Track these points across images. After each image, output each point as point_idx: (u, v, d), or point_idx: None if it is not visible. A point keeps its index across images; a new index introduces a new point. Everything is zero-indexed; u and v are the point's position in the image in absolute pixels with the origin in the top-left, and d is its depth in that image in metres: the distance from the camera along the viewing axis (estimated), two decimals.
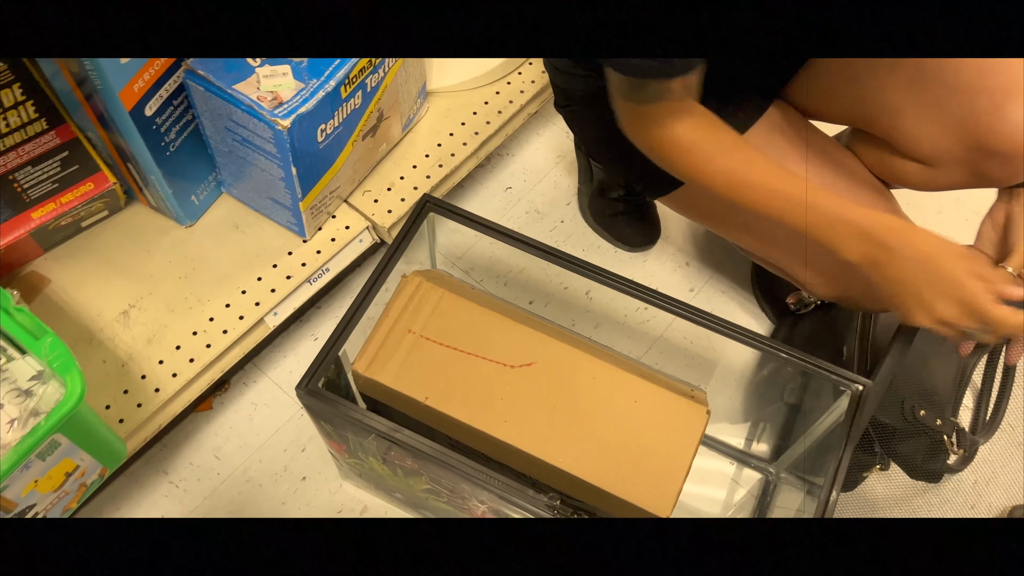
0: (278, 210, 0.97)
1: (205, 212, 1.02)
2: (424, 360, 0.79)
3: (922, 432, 0.96)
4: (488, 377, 0.77)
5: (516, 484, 0.71)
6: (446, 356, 0.79)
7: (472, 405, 0.77)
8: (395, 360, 0.78)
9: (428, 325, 0.80)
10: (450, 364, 0.79)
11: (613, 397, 0.78)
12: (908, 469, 0.98)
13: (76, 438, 0.76)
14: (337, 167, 0.95)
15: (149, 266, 0.98)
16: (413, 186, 1.06)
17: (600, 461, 0.75)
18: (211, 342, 0.93)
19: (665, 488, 0.75)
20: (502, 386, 0.78)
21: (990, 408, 1.01)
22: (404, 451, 0.74)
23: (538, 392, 0.77)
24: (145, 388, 0.90)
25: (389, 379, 0.78)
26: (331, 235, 1.01)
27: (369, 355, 0.79)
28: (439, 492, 0.83)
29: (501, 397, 0.77)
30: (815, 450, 0.90)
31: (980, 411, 1.06)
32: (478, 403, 0.77)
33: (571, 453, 0.75)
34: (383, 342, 0.79)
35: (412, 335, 0.80)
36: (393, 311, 0.81)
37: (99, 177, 0.93)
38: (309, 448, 1.03)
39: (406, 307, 0.81)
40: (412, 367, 0.78)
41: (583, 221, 1.23)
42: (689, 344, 1.13)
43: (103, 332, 0.93)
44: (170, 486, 1.01)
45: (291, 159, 0.86)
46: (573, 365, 0.79)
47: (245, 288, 0.97)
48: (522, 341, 0.80)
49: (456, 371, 0.78)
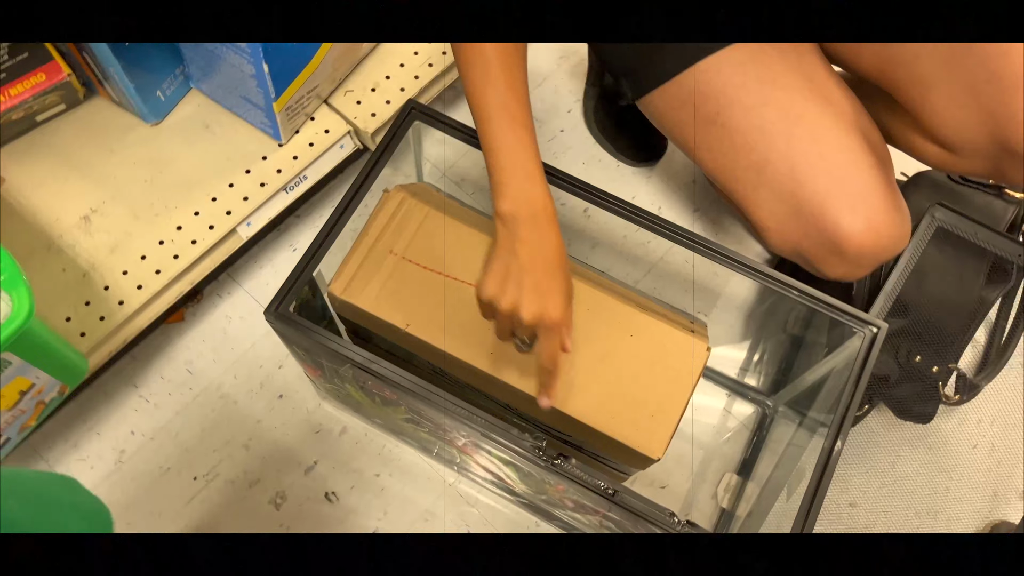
0: (251, 110, 0.89)
1: (172, 109, 0.93)
2: (406, 284, 0.73)
3: (916, 378, 0.92)
4: (474, 304, 0.71)
5: (499, 423, 0.67)
6: (430, 280, 0.74)
7: (456, 334, 0.72)
8: (374, 283, 0.73)
9: (411, 246, 0.74)
10: (434, 289, 0.73)
11: (608, 330, 0.73)
12: (898, 411, 0.95)
13: (28, 356, 0.71)
14: (314, 64, 0.86)
15: (111, 167, 0.90)
16: (400, 87, 0.97)
17: (591, 398, 0.71)
18: (179, 252, 0.87)
19: (658, 429, 0.71)
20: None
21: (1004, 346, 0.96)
22: (381, 383, 0.69)
23: None
24: (108, 300, 0.84)
25: (368, 303, 0.73)
26: (309, 139, 0.93)
27: (347, 276, 0.73)
28: (419, 422, 0.79)
29: (488, 326, 0.71)
30: (816, 385, 0.86)
31: (989, 349, 1.01)
32: (463, 332, 0.72)
33: (561, 388, 0.70)
34: (361, 263, 0.74)
35: (393, 256, 0.74)
36: (373, 229, 0.75)
37: (52, 67, 0.84)
38: (287, 365, 0.99)
39: (387, 225, 0.75)
40: (393, 291, 0.73)
41: (584, 131, 1.15)
42: (690, 269, 1.07)
43: (62, 239, 0.87)
44: (140, 400, 0.96)
45: (262, 54, 0.78)
46: None
47: (215, 195, 0.90)
48: None
49: (440, 297, 0.73)
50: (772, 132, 0.76)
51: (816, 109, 0.76)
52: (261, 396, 0.97)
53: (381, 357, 0.68)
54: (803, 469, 0.77)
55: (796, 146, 0.75)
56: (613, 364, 0.72)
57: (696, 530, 0.67)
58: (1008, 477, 0.98)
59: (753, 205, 0.79)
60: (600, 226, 1.08)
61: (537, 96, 1.17)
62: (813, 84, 0.77)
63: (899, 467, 0.98)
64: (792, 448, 0.88)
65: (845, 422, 0.70)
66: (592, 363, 0.72)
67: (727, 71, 0.78)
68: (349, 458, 0.95)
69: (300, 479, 0.94)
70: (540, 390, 0.68)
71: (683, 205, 1.12)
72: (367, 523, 0.93)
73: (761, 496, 0.88)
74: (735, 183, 0.80)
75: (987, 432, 1.00)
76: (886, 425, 0.99)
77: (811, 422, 0.85)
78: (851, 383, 0.71)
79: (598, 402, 0.71)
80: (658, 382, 0.72)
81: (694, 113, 0.81)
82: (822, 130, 0.75)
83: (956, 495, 0.97)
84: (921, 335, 0.92)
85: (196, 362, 0.98)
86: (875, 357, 0.72)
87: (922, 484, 0.98)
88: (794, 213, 0.76)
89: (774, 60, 0.77)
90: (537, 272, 0.64)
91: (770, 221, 0.78)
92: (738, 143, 0.78)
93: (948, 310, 0.91)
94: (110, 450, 0.94)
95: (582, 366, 0.72)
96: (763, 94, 0.76)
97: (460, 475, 0.94)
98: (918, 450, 0.99)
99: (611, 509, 0.68)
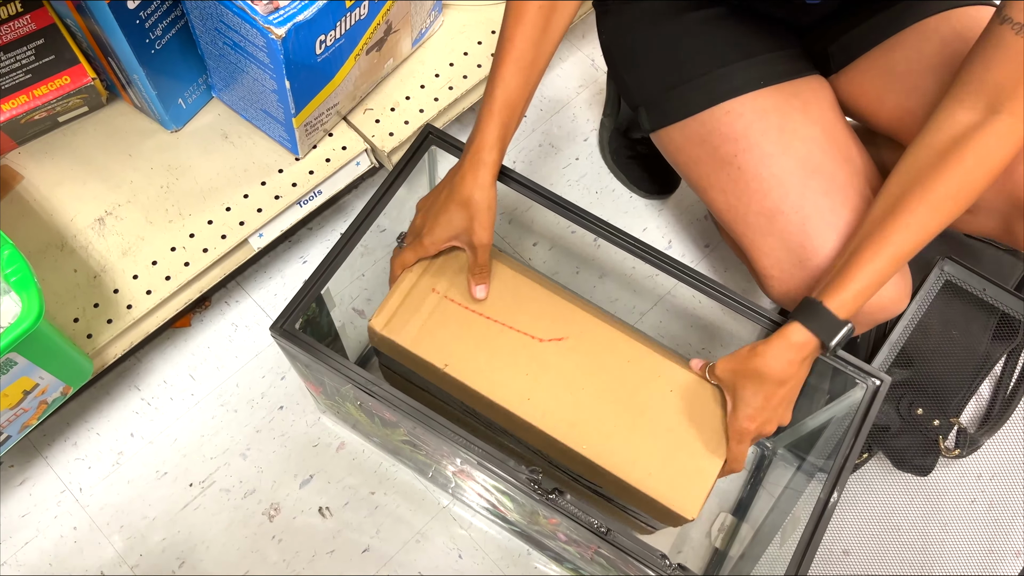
0: (270, 123, 0.90)
1: (193, 117, 0.94)
2: (447, 323, 0.73)
3: (917, 430, 0.92)
4: (514, 349, 0.72)
5: (496, 452, 0.67)
6: (471, 321, 0.73)
7: (495, 378, 0.71)
8: (415, 320, 0.73)
9: (453, 285, 0.74)
10: (474, 330, 0.73)
11: (648, 383, 0.73)
12: (897, 462, 0.95)
13: (34, 357, 0.71)
14: (336, 83, 0.87)
15: (129, 171, 0.91)
16: (419, 108, 0.98)
17: (627, 452, 0.70)
18: (190, 260, 0.88)
19: (694, 488, 0.69)
20: (529, 360, 0.72)
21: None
22: (381, 405, 0.69)
23: (567, 370, 0.72)
24: (117, 304, 0.85)
25: (408, 340, 0.72)
26: (326, 155, 0.94)
27: (388, 312, 0.73)
28: (417, 445, 0.79)
29: (527, 372, 0.72)
30: (816, 431, 0.86)
31: (992, 405, 1.01)
32: (501, 376, 0.71)
33: (597, 440, 0.70)
34: (404, 300, 0.73)
35: (436, 295, 0.74)
36: (417, 266, 0.74)
37: (77, 71, 0.85)
38: (289, 376, 0.99)
39: (431, 263, 0.75)
40: (433, 329, 0.73)
41: (599, 160, 1.15)
42: (696, 304, 1.07)
43: (76, 239, 0.87)
44: (141, 403, 0.97)
45: (285, 72, 0.78)
46: (608, 344, 0.73)
47: (230, 204, 0.90)
48: (555, 313, 0.74)
49: (480, 339, 0.72)
50: (788, 182, 0.76)
51: (833, 165, 0.76)
52: (262, 406, 0.98)
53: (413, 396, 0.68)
54: (798, 516, 0.77)
55: (810, 198, 0.75)
56: (651, 418, 0.72)
57: (686, 574, 0.67)
58: (1005, 535, 0.98)
59: (759, 252, 0.79)
60: (609, 256, 1.08)
61: (554, 123, 1.17)
62: (832, 139, 0.78)
63: (895, 517, 0.98)
64: (789, 492, 0.88)
65: (843, 473, 0.70)
66: (631, 416, 0.71)
67: (750, 115, 0.78)
68: (345, 474, 0.95)
69: (295, 492, 0.94)
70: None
71: (694, 240, 1.12)
72: (360, 540, 0.93)
73: (755, 539, 0.88)
74: (744, 227, 0.80)
75: (986, 488, 1.00)
76: (884, 474, 0.99)
77: (809, 467, 0.85)
78: (851, 435, 0.71)
79: (634, 456, 0.70)
80: (695, 439, 0.71)
81: (712, 152, 0.81)
82: (836, 186, 0.75)
83: (951, 549, 0.97)
84: (924, 387, 0.91)
85: (199, 368, 0.99)
86: (876, 410, 0.72)
87: (917, 536, 0.97)
88: (799, 265, 0.76)
89: (796, 110, 0.78)
90: (439, 203, 0.71)
91: (775, 269, 0.78)
92: (752, 188, 0.78)
93: (952, 364, 0.90)
94: (109, 451, 0.94)
95: (620, 418, 0.71)
96: (783, 143, 0.77)
97: (454, 498, 0.94)
98: (915, 501, 0.98)
99: (602, 546, 0.68)
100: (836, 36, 0.83)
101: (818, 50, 0.85)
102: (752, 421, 0.69)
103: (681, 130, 0.83)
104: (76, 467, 0.93)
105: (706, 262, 1.11)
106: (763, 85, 0.79)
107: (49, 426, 0.95)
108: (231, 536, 0.92)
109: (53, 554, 0.90)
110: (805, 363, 0.68)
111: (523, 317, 0.73)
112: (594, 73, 1.21)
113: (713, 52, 0.81)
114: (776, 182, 0.77)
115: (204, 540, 0.91)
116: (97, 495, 0.93)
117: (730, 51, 0.80)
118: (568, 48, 1.22)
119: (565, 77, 1.20)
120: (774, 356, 0.67)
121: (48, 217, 0.88)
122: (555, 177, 1.14)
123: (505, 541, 0.94)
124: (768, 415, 0.69)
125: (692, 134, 0.83)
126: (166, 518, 0.92)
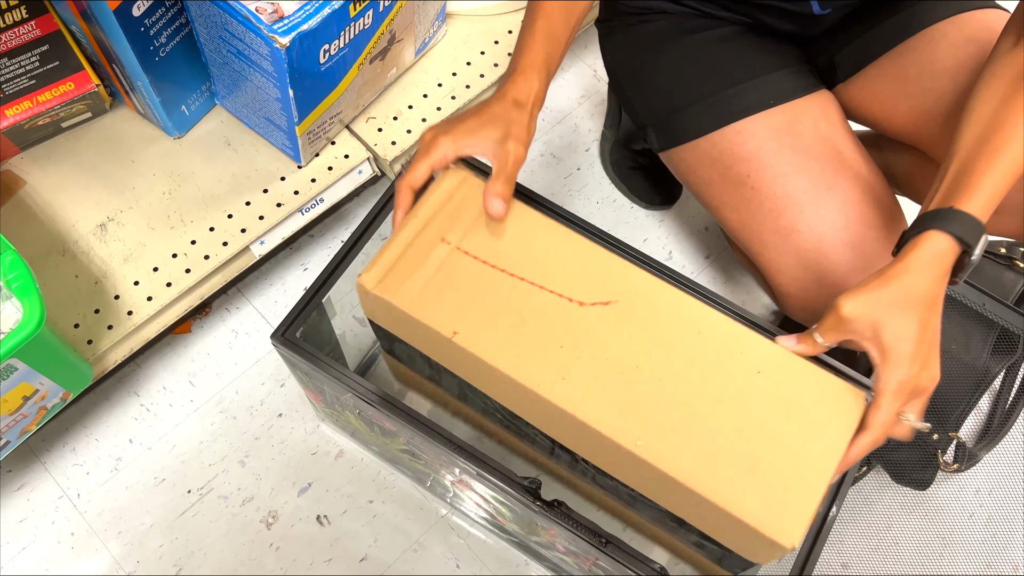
0: (273, 131, 0.90)
1: (196, 124, 0.94)
2: (459, 281, 0.57)
3: (916, 444, 0.92)
4: (546, 315, 0.56)
5: (495, 463, 0.67)
6: (490, 279, 0.57)
7: (519, 351, 0.54)
8: (418, 277, 0.57)
9: (470, 234, 0.58)
10: (494, 290, 0.56)
11: (726, 362, 0.55)
12: (895, 475, 0.95)
13: (35, 363, 0.71)
14: (339, 92, 0.87)
15: (132, 177, 0.91)
16: (422, 117, 0.98)
17: (698, 453, 0.53)
18: (191, 267, 0.88)
19: (794, 505, 0.52)
20: (565, 329, 0.56)
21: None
22: (381, 415, 0.70)
23: (616, 343, 0.55)
24: (118, 310, 0.85)
25: (406, 302, 0.56)
26: (328, 163, 0.94)
27: (383, 266, 0.57)
28: (416, 454, 0.79)
29: (561, 344, 0.55)
30: None
31: (991, 420, 1.01)
32: (528, 349, 0.55)
33: (656, 436, 0.53)
34: (404, 250, 0.57)
35: (446, 245, 0.58)
36: (424, 211, 0.58)
37: (81, 77, 0.86)
38: (288, 384, 0.99)
39: (443, 207, 0.58)
40: (441, 289, 0.56)
41: (600, 171, 1.16)
42: None
43: (78, 244, 0.88)
44: (141, 409, 0.97)
45: (289, 80, 0.79)
46: (669, 310, 0.56)
47: (232, 212, 0.90)
48: (599, 269, 0.57)
49: (502, 301, 0.56)
50: (802, 201, 0.76)
51: (845, 182, 0.76)
52: (261, 413, 0.98)
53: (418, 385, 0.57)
54: None
55: (825, 216, 0.75)
56: (732, 411, 0.54)
57: None
58: (1003, 549, 0.97)
59: (776, 270, 0.79)
60: None
61: (556, 133, 1.18)
62: (843, 155, 0.78)
63: (893, 531, 0.98)
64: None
65: (842, 487, 0.70)
66: (703, 407, 0.54)
67: (762, 135, 0.78)
68: (344, 482, 0.95)
69: (293, 500, 0.94)
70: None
71: (695, 250, 1.12)
72: (357, 549, 0.92)
73: None
74: (760, 246, 0.80)
75: (985, 502, 1.00)
76: (883, 487, 0.99)
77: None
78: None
79: (708, 459, 0.53)
80: (795, 442, 0.53)
81: (724, 172, 0.81)
82: (850, 203, 0.75)
83: (950, 563, 0.97)
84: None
85: (199, 375, 0.99)
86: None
87: (916, 550, 0.97)
88: (816, 282, 0.76)
89: (806, 128, 0.78)
90: (471, 108, 0.61)
91: (792, 287, 0.78)
92: (767, 207, 0.78)
93: (951, 378, 0.90)
94: (107, 457, 0.94)
95: (688, 408, 0.54)
96: (796, 163, 0.77)
97: (453, 507, 0.94)
98: (913, 515, 0.98)
99: (600, 558, 0.67)
100: (843, 45, 0.83)
101: (824, 60, 0.85)
102: (915, 362, 0.54)
103: (691, 151, 0.83)
104: (74, 473, 0.93)
105: (706, 273, 1.11)
106: (772, 104, 0.79)
107: (48, 431, 0.95)
108: (229, 543, 0.92)
109: (50, 560, 0.90)
110: (946, 280, 0.57)
111: (558, 274, 0.57)
112: (596, 84, 1.21)
113: (721, 72, 0.81)
114: (790, 201, 0.77)
115: (202, 547, 0.91)
116: (95, 501, 0.93)
117: (737, 71, 0.80)
118: (570, 59, 1.23)
119: (567, 87, 1.21)
120: (919, 271, 0.54)
121: (50, 222, 0.88)
122: (556, 187, 1.14)
123: (503, 551, 0.93)
124: (926, 353, 0.56)
125: (703, 154, 0.83)
126: (164, 524, 0.92)
